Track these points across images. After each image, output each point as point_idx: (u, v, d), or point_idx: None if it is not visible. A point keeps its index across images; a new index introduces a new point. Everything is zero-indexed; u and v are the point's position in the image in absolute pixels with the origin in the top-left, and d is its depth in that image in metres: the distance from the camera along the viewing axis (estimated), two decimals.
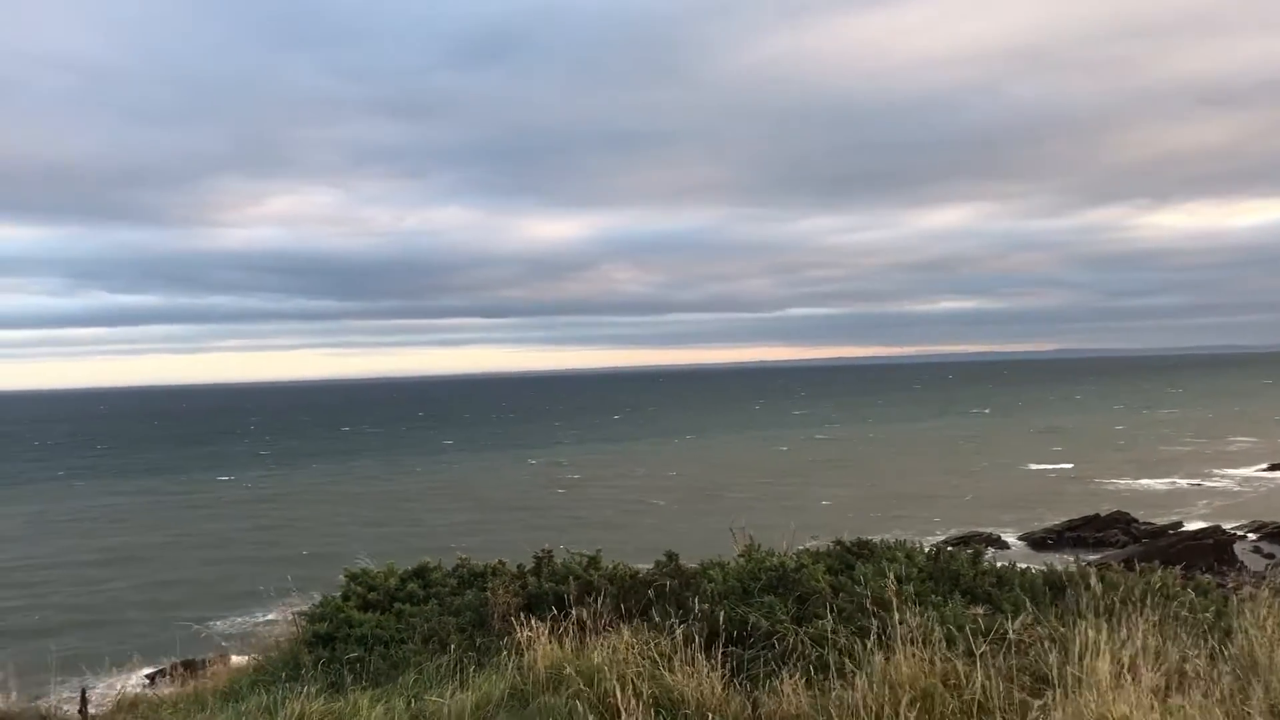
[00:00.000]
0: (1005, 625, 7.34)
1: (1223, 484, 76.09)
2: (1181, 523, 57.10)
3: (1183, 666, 6.65)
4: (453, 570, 11.26)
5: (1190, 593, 9.40)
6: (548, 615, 8.71)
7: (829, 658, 7.32)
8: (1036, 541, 55.41)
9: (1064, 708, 6.04)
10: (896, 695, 6.37)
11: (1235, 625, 7.64)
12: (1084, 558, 20.84)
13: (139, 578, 52.80)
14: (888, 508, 66.59)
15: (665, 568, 9.68)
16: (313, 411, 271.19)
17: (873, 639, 7.17)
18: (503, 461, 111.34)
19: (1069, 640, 6.82)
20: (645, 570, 9.87)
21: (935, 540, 30.81)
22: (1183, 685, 6.39)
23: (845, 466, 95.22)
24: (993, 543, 51.08)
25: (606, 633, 8.17)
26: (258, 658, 10.93)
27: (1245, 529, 55.47)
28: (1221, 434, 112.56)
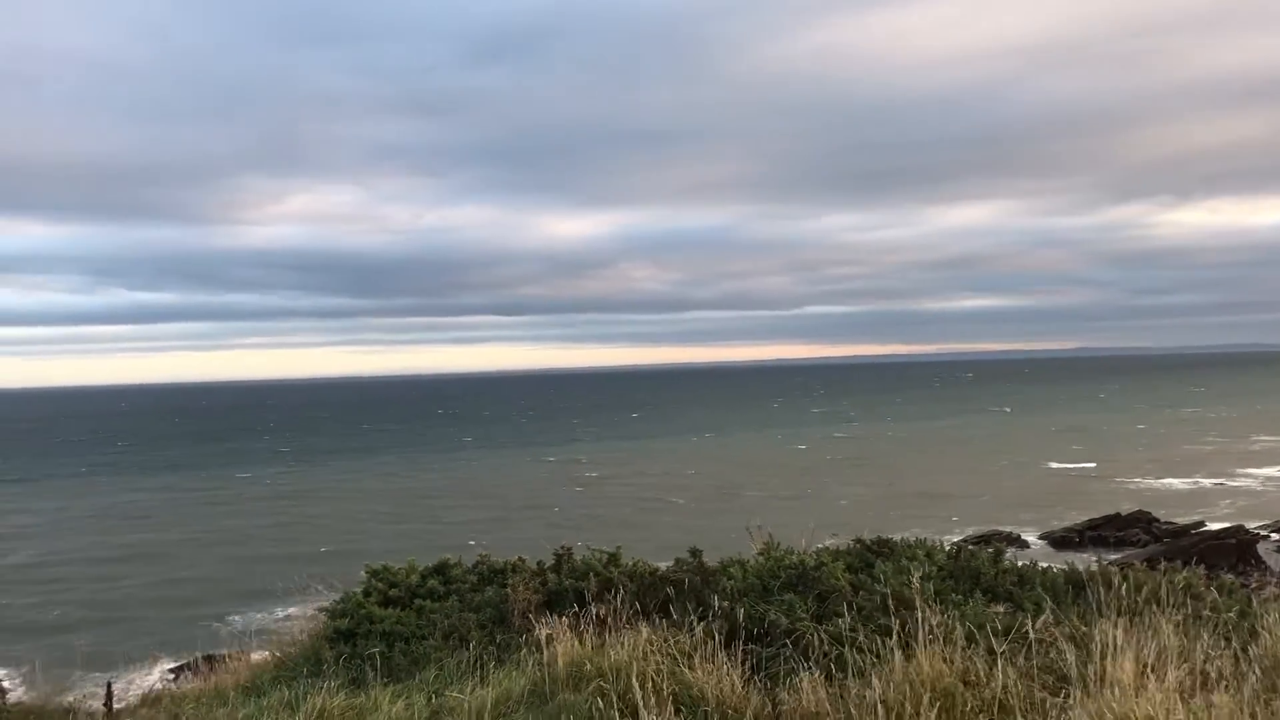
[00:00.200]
0: (1026, 624, 7.31)
1: (1246, 483, 75.43)
2: (1204, 522, 56.66)
3: (1206, 667, 6.61)
4: (473, 567, 11.31)
5: (1214, 593, 9.35)
6: (568, 612, 8.74)
7: (849, 656, 7.31)
8: (1057, 540, 55.09)
9: (1086, 707, 6.01)
10: (917, 694, 6.36)
11: (1259, 626, 7.59)
12: (1105, 557, 20.73)
13: (160, 574, 53.15)
14: (907, 506, 66.36)
15: (689, 564, 9.69)
16: (332, 409, 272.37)
17: (893, 637, 7.15)
18: (521, 459, 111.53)
19: (1090, 639, 6.79)
20: (665, 567, 9.89)
21: (955, 539, 30.69)
22: (1206, 685, 6.35)
23: (864, 465, 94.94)
24: (1013, 541, 50.84)
25: (626, 630, 8.18)
26: (279, 653, 11.00)
27: (1268, 529, 54.98)
28: (1244, 433, 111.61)
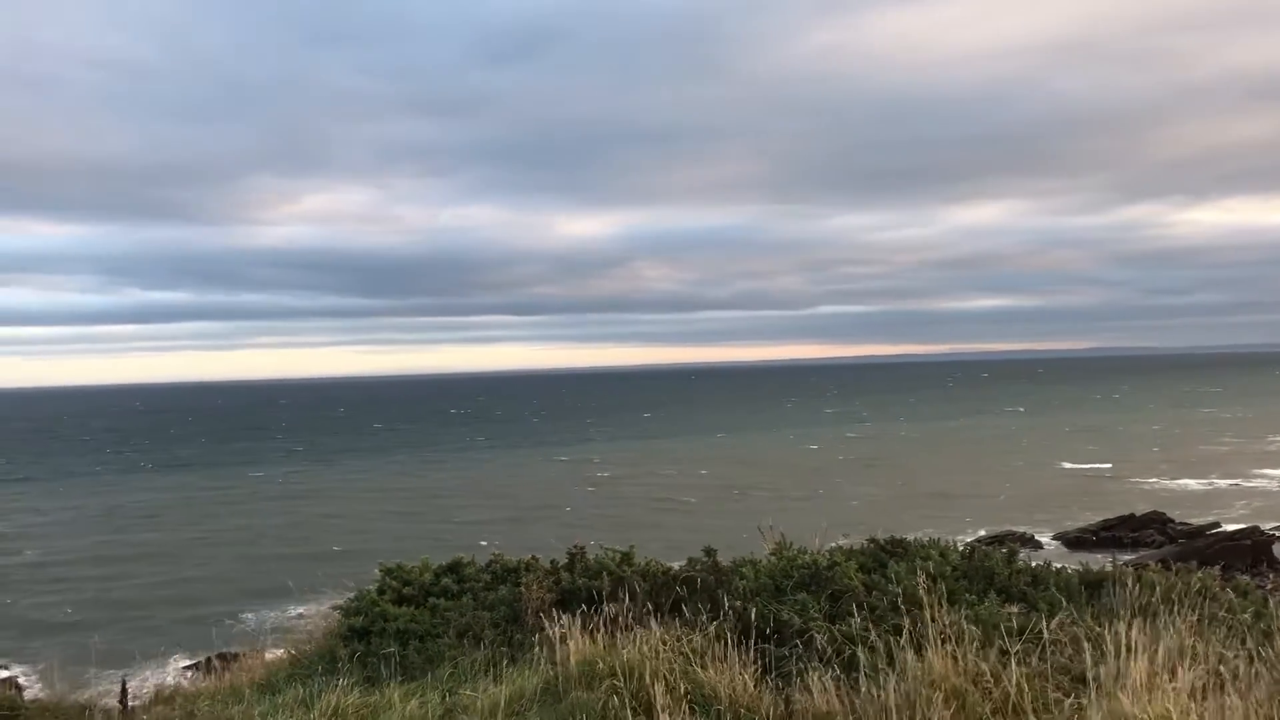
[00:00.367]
0: (1040, 624, 7.30)
1: (1262, 484, 74.97)
2: (1219, 523, 56.34)
3: (1221, 668, 6.59)
4: (486, 566, 11.34)
5: (1229, 594, 9.31)
6: (580, 611, 8.76)
7: (861, 656, 7.31)
8: (1071, 541, 54.87)
9: (1100, 707, 6.00)
10: (930, 694, 6.36)
11: (1274, 627, 7.56)
12: (1119, 558, 20.66)
13: (173, 572, 53.40)
14: (920, 506, 66.20)
15: (703, 564, 9.70)
16: (344, 408, 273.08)
17: (906, 637, 7.15)
18: (533, 459, 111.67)
19: (1105, 640, 6.77)
20: (678, 567, 9.90)
21: (969, 539, 30.62)
22: (1221, 686, 6.33)
23: (877, 465, 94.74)
24: (1027, 542, 50.69)
25: (639, 629, 8.20)
26: (293, 651, 11.05)
27: None
28: (1260, 433, 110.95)
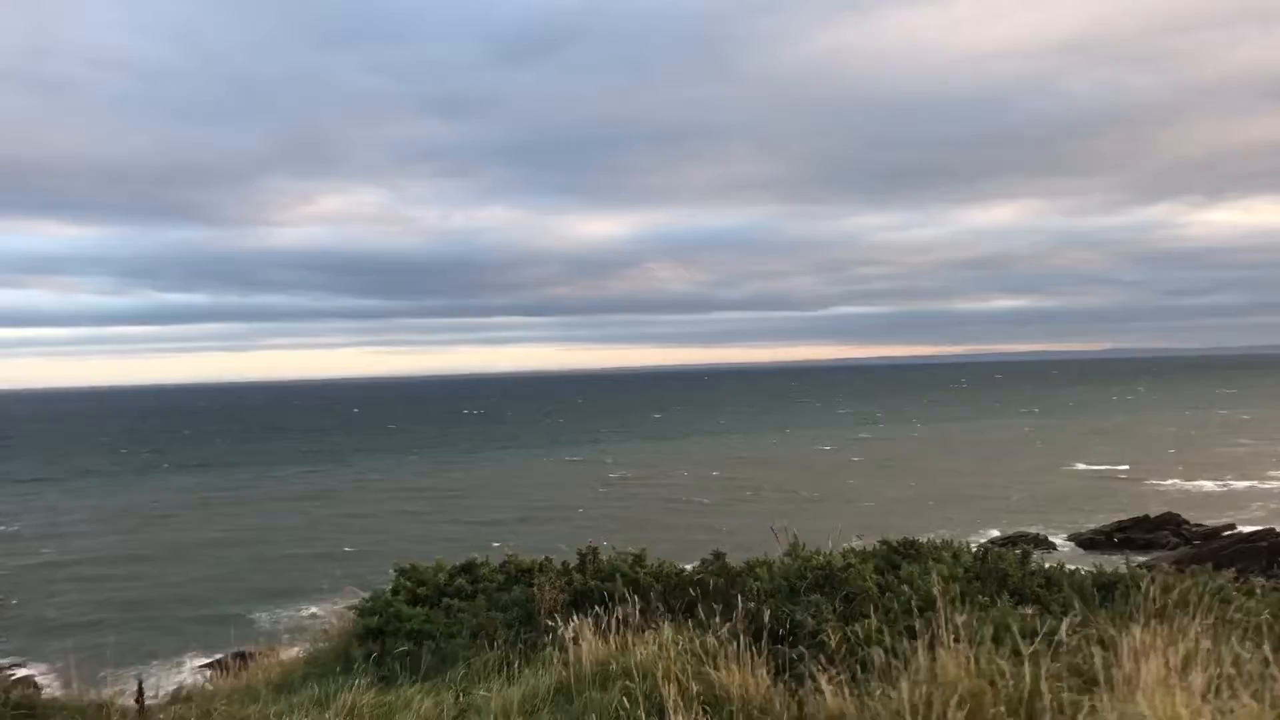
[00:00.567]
0: (1054, 626, 7.29)
1: (1278, 485, 74.54)
2: (1235, 525, 56.03)
3: (1236, 670, 6.57)
4: (500, 566, 11.40)
5: (1248, 595, 9.28)
6: (593, 612, 8.78)
7: (875, 657, 7.31)
8: (1085, 542, 54.66)
9: (1114, 709, 6.00)
10: (944, 695, 6.36)
11: None
12: (1134, 559, 20.58)
13: (189, 572, 53.65)
14: (933, 508, 66.02)
15: (711, 566, 9.72)
16: (359, 408, 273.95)
17: (920, 638, 7.15)
18: (546, 459, 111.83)
19: (1119, 642, 6.76)
20: (690, 568, 9.92)
21: (982, 540, 30.55)
22: (1236, 689, 6.31)
23: (890, 466, 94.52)
24: (1040, 543, 50.50)
25: (652, 629, 8.22)
26: (309, 650, 11.13)
27: None
28: (1277, 435, 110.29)
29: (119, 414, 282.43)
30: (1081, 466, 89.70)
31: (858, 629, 7.91)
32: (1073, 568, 10.51)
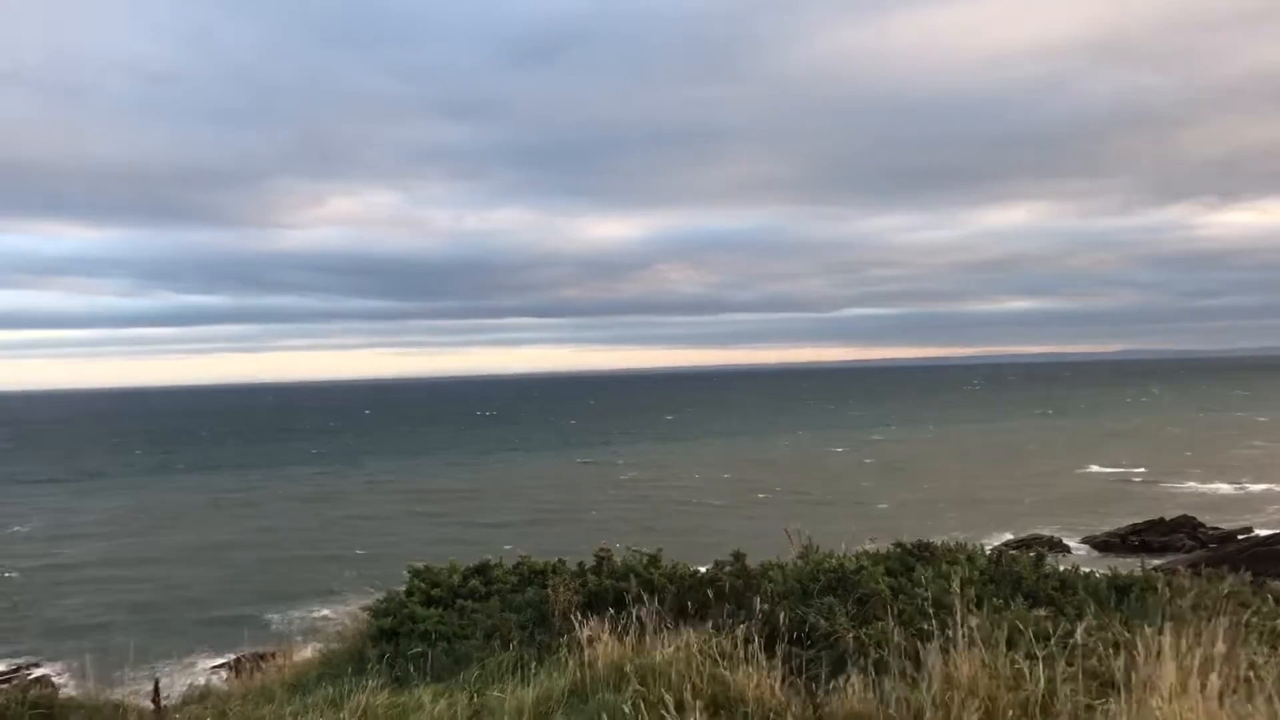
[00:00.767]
0: (1069, 629, 7.28)
1: None
2: (1251, 528, 55.70)
3: (1250, 674, 6.55)
4: (514, 568, 11.41)
5: (1264, 599, 9.24)
6: (608, 613, 8.79)
7: (889, 659, 7.31)
8: (1099, 545, 54.45)
9: (1129, 712, 5.98)
10: (958, 697, 6.35)
11: None
12: (1149, 562, 20.46)
13: (203, 573, 53.85)
14: (947, 510, 65.83)
15: (730, 567, 9.72)
16: (373, 410, 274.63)
17: (934, 641, 7.14)
18: (558, 461, 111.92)
19: (1134, 645, 6.74)
20: (705, 570, 9.92)
21: (996, 543, 30.43)
22: (1252, 694, 6.29)
23: (903, 468, 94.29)
24: (1054, 546, 50.27)
25: (666, 631, 8.23)
26: (323, 650, 11.16)
27: None
28: None
29: (134, 415, 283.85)
30: (1096, 469, 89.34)
31: (871, 631, 7.91)
32: (1087, 570, 10.47)
